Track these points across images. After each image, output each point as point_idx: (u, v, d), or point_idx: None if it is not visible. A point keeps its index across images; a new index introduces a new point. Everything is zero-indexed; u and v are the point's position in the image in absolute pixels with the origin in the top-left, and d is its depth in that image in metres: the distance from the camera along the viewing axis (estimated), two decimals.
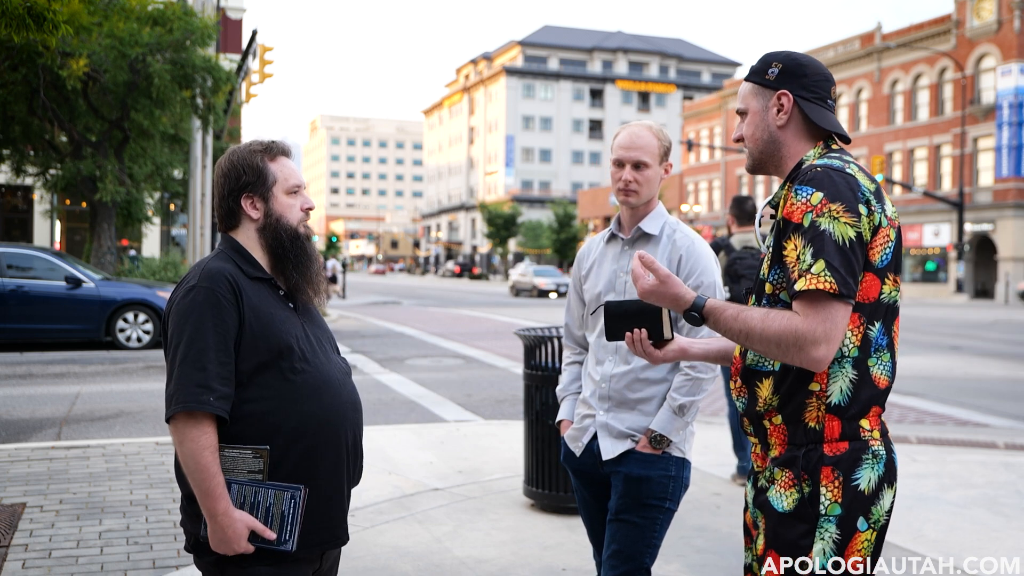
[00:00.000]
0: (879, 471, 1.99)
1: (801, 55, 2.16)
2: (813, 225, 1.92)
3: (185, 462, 2.15)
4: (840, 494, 1.96)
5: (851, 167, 2.01)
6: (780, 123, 2.13)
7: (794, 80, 2.12)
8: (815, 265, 1.90)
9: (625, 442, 2.98)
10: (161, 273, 19.91)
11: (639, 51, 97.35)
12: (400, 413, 9.06)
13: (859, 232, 1.93)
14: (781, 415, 2.04)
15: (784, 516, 2.01)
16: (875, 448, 2.00)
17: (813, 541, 1.97)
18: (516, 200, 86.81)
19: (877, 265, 1.98)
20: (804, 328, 1.89)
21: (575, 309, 3.26)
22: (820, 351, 1.89)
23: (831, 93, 2.14)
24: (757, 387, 2.09)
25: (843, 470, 1.97)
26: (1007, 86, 41.02)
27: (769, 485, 2.06)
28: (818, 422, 2.00)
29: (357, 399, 2.42)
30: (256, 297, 2.27)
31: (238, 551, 2.17)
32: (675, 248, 3.00)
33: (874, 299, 1.99)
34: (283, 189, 2.36)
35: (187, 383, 2.13)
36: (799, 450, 2.01)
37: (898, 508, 5.57)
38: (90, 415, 8.59)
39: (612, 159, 3.08)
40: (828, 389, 1.99)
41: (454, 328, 20.02)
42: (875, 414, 2.03)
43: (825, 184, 1.95)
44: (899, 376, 12.69)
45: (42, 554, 4.45)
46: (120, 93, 17.89)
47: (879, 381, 2.01)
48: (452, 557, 4.57)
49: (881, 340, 2.01)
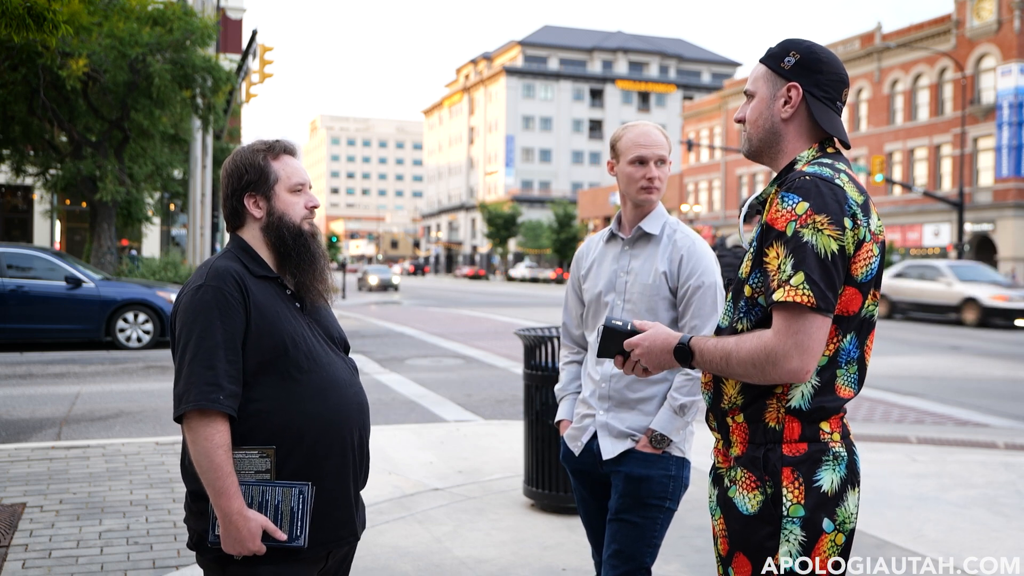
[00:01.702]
0: (841, 472, 1.98)
1: (822, 49, 2.08)
2: (796, 235, 1.90)
3: (198, 461, 2.14)
4: (803, 495, 1.96)
5: (841, 177, 1.97)
6: (785, 116, 2.09)
7: (808, 75, 2.06)
8: (795, 277, 1.88)
9: (625, 442, 2.97)
10: (161, 273, 19.90)
11: (639, 51, 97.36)
12: (400, 413, 9.06)
13: (842, 246, 1.90)
14: (743, 414, 2.05)
15: (750, 518, 2.01)
16: (835, 450, 1.99)
17: (779, 543, 1.97)
18: (516, 200, 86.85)
19: (860, 280, 1.95)
20: (775, 343, 1.89)
21: (573, 308, 3.24)
22: (793, 363, 1.88)
23: (843, 95, 2.08)
24: (723, 384, 2.09)
25: (803, 471, 1.97)
26: (1007, 86, 41.01)
27: (732, 486, 2.06)
28: (778, 423, 2.00)
29: (364, 400, 2.41)
30: (262, 296, 2.26)
31: (251, 551, 2.16)
32: (676, 248, 2.99)
33: (854, 313, 1.97)
34: (286, 187, 2.36)
35: (198, 381, 2.13)
36: (759, 449, 2.01)
37: (898, 508, 5.58)
38: (90, 415, 8.59)
39: (629, 158, 3.00)
40: (789, 393, 1.99)
41: (454, 328, 20.02)
42: (837, 417, 2.02)
43: (812, 194, 1.91)
44: (899, 376, 12.69)
45: (42, 554, 4.45)
46: (120, 93, 17.89)
47: (842, 391, 2.00)
48: (452, 557, 4.57)
49: (853, 353, 2.00)
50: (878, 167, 35.95)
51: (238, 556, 2.17)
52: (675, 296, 2.98)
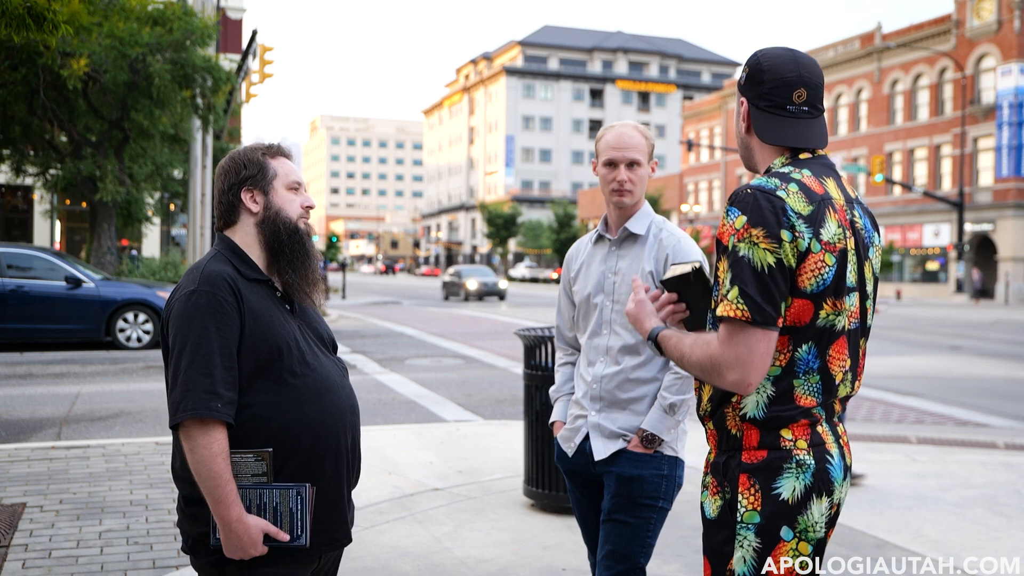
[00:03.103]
0: (805, 480, 1.96)
1: (769, 57, 2.07)
2: (734, 250, 1.90)
3: (196, 469, 2.13)
4: (759, 502, 1.96)
5: (788, 187, 1.94)
6: (744, 128, 2.14)
7: (752, 87, 2.08)
8: (731, 292, 1.89)
9: (617, 442, 2.98)
10: (161, 273, 19.92)
11: (639, 51, 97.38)
12: (400, 413, 9.06)
13: (779, 258, 1.88)
14: (712, 420, 2.08)
15: (711, 523, 2.05)
16: (800, 457, 1.97)
17: (733, 548, 1.99)
18: (516, 200, 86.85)
19: (810, 291, 1.92)
20: (718, 354, 1.91)
21: (565, 311, 3.26)
22: (734, 375, 1.89)
23: (793, 98, 2.04)
24: (701, 391, 2.14)
25: (760, 478, 1.97)
26: (1007, 86, 41.02)
27: (704, 490, 2.10)
28: (737, 430, 2.02)
29: (355, 401, 2.42)
30: (255, 299, 2.25)
31: (254, 555, 2.16)
32: (662, 247, 3.01)
33: (806, 323, 1.96)
34: (283, 184, 2.36)
35: (195, 389, 2.11)
36: (723, 456, 2.05)
37: (898, 508, 5.58)
38: (90, 415, 8.59)
39: (602, 160, 3.06)
40: (742, 402, 2.00)
41: (454, 328, 20.02)
42: (802, 425, 2.00)
43: (750, 207, 1.91)
44: (899, 376, 12.68)
45: (42, 554, 4.45)
46: (120, 93, 17.89)
47: (801, 400, 1.98)
48: (452, 557, 4.57)
49: (812, 363, 1.98)
50: (878, 167, 35.98)
51: (237, 559, 2.17)
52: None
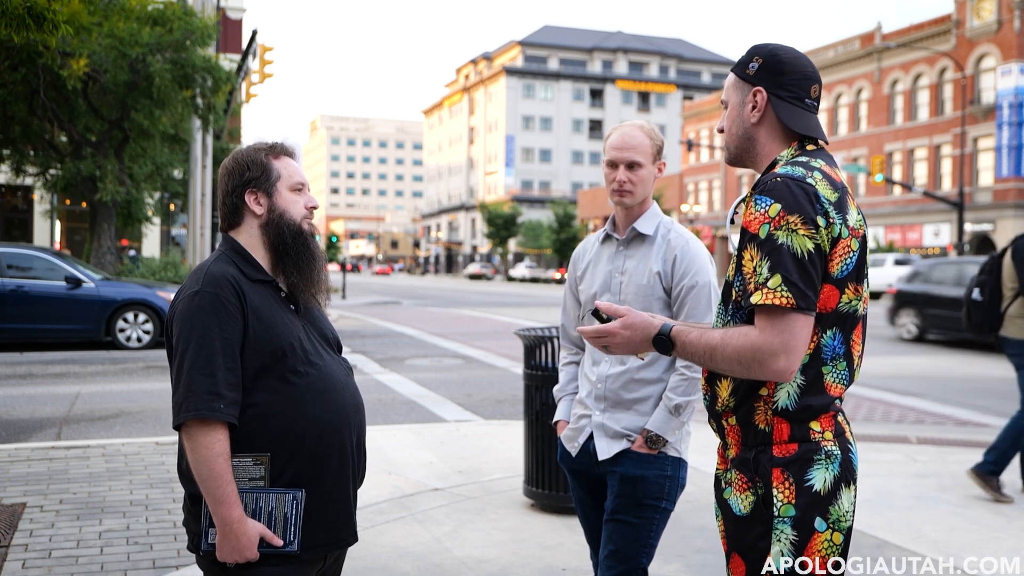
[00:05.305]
0: (834, 471, 1.99)
1: (784, 50, 2.12)
2: (771, 238, 1.91)
3: (198, 469, 2.13)
4: (793, 495, 1.97)
5: (814, 175, 1.98)
6: (754, 120, 2.13)
7: (772, 77, 2.10)
8: (772, 279, 1.89)
9: (621, 442, 2.98)
10: (161, 273, 19.91)
11: (639, 51, 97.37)
12: (400, 413, 9.06)
13: (817, 244, 1.91)
14: (735, 416, 2.07)
15: (742, 519, 2.04)
16: (828, 448, 2.00)
17: (770, 543, 1.99)
18: (516, 200, 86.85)
19: (836, 276, 1.96)
20: (761, 342, 1.90)
21: (571, 310, 3.27)
22: (780, 363, 1.89)
23: (811, 92, 2.11)
24: (717, 387, 2.12)
25: (794, 471, 1.98)
26: (1007, 86, 41.02)
27: (727, 487, 2.09)
28: (767, 424, 2.01)
29: (360, 400, 2.42)
30: (259, 300, 2.25)
31: (248, 559, 2.16)
32: (670, 248, 3.01)
33: (831, 309, 1.98)
34: (287, 185, 2.36)
35: (197, 390, 2.12)
36: (750, 451, 2.04)
37: (898, 508, 5.58)
38: (90, 415, 8.60)
39: (605, 160, 3.09)
40: (775, 395, 2.00)
41: (454, 328, 20.02)
42: (828, 416, 2.02)
43: (783, 195, 1.93)
44: (899, 376, 12.66)
45: (42, 554, 4.45)
46: (120, 93, 17.89)
47: (831, 388, 2.01)
48: (452, 557, 4.57)
49: (838, 349, 2.00)
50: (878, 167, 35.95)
51: (231, 564, 2.17)
52: (669, 296, 2.99)
